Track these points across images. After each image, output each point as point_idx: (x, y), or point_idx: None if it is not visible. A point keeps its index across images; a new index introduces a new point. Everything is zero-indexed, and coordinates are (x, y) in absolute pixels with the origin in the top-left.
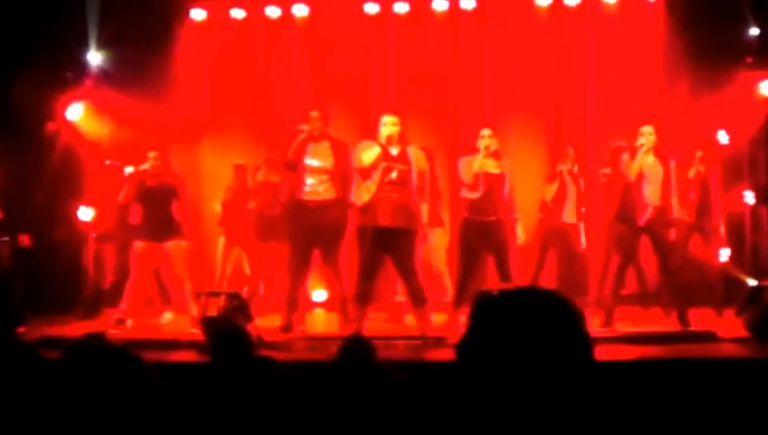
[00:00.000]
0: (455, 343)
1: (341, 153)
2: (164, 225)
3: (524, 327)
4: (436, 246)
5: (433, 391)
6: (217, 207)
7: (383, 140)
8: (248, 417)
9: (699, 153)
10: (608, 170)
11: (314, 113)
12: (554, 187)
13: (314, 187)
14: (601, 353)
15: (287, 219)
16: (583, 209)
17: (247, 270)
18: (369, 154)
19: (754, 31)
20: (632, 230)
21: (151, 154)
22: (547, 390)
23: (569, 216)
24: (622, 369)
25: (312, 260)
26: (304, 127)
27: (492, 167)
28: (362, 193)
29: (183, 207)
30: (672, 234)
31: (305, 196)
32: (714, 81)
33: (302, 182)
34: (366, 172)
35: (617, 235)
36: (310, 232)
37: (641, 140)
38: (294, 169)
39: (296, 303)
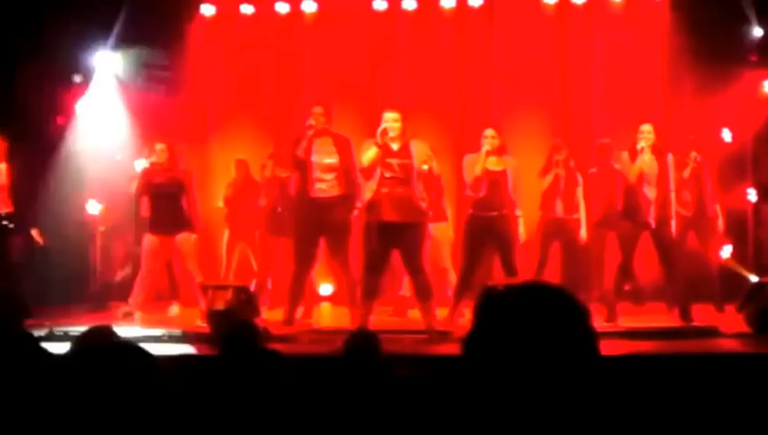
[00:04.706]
0: (461, 337)
1: (344, 148)
2: (174, 219)
3: (531, 322)
4: (441, 242)
5: (438, 384)
6: (221, 203)
7: (378, 137)
8: (255, 410)
9: (693, 153)
10: (593, 170)
11: (317, 109)
12: (548, 179)
13: (322, 183)
14: (604, 348)
15: (295, 214)
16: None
17: (254, 264)
18: (369, 153)
19: (758, 32)
20: (635, 228)
21: (158, 147)
22: (552, 385)
23: (562, 210)
24: (624, 364)
25: (316, 255)
26: (312, 122)
27: (494, 164)
28: (366, 192)
29: (192, 200)
30: (672, 228)
31: (314, 192)
32: (718, 79)
33: (310, 179)
34: (367, 171)
35: (619, 233)
36: (316, 227)
37: (642, 142)
38: (304, 166)
39: (299, 297)
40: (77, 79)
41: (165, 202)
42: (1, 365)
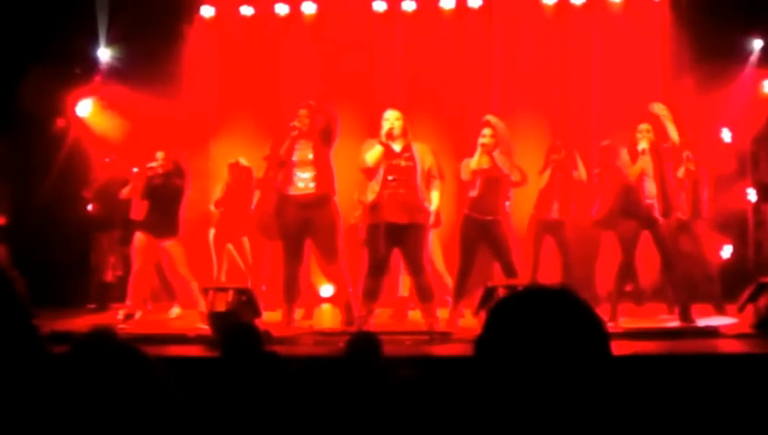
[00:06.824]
0: (470, 339)
1: (325, 147)
2: (164, 223)
3: (543, 326)
4: (433, 246)
5: (439, 386)
6: (212, 207)
7: (383, 136)
8: (256, 412)
9: (687, 153)
10: (597, 170)
11: (302, 111)
12: (545, 178)
13: (299, 181)
14: None
15: (277, 214)
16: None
17: (242, 265)
18: (371, 154)
19: (758, 44)
20: (635, 227)
21: (159, 154)
22: (564, 389)
23: (557, 211)
24: (625, 364)
25: (303, 252)
26: (296, 124)
27: (488, 164)
28: (368, 193)
29: (181, 207)
30: (673, 219)
31: (293, 190)
32: (717, 79)
33: (289, 177)
34: (370, 172)
35: (619, 232)
36: (299, 225)
37: (642, 143)
38: (284, 166)
39: (295, 296)
40: (77, 79)
41: (158, 207)
42: (2, 366)
